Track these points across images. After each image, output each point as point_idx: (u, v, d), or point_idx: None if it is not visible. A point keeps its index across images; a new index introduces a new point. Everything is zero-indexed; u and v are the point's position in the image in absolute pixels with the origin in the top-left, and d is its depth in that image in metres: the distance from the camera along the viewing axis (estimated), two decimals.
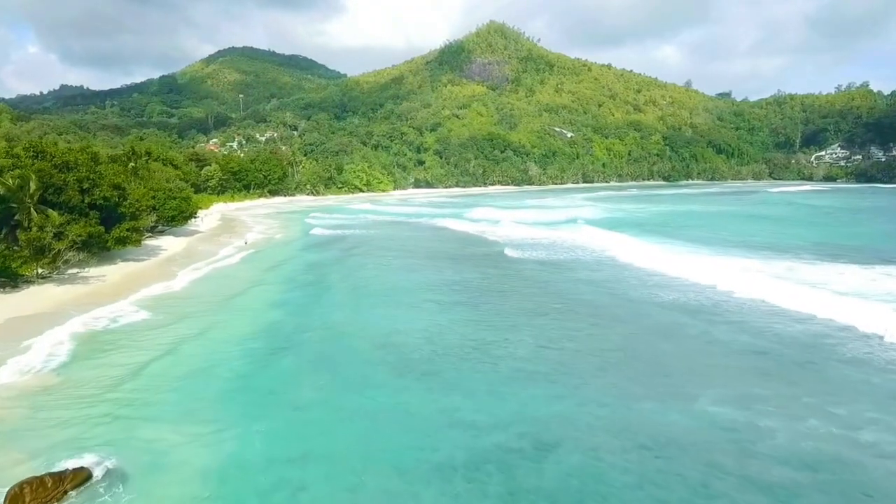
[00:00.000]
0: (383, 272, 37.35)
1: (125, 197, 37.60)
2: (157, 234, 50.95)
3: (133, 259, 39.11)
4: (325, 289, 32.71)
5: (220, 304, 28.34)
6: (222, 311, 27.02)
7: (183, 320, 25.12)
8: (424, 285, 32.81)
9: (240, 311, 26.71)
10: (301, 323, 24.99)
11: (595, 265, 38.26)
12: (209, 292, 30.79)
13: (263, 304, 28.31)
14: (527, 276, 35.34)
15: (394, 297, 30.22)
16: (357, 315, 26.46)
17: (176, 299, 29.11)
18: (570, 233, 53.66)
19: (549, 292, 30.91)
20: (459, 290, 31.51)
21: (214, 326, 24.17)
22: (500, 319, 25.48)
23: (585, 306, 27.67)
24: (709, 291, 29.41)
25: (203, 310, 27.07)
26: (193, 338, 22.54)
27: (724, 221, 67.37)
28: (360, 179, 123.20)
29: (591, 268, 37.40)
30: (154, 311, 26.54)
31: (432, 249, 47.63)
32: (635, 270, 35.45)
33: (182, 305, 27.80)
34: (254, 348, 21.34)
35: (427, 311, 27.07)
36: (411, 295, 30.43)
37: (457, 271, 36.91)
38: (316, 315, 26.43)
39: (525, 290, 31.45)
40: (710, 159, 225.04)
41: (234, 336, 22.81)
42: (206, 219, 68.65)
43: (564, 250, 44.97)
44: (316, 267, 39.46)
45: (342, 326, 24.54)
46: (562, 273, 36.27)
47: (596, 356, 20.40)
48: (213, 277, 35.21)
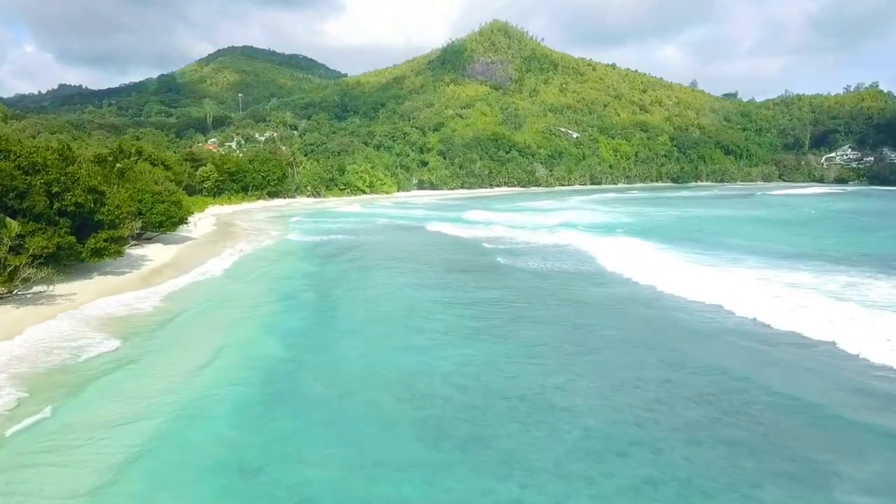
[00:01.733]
0: (393, 289, 32.92)
1: (103, 202, 33.12)
2: (145, 241, 46.50)
3: (113, 272, 34.65)
4: (329, 310, 28.24)
5: (204, 332, 23.90)
6: (204, 341, 22.55)
7: (158, 354, 20.69)
8: (441, 306, 28.37)
9: (225, 344, 22.22)
10: (300, 361, 20.51)
11: (629, 289, 33.82)
12: (193, 315, 26.34)
13: (255, 333, 23.84)
14: (560, 297, 30.89)
15: (408, 321, 25.79)
16: (368, 349, 22.01)
17: (152, 324, 24.66)
18: (612, 246, 48.97)
19: (593, 320, 26.47)
20: (485, 313, 27.06)
21: (193, 364, 19.71)
22: (545, 354, 21.03)
23: (648, 334, 23.25)
24: (772, 335, 24.91)
25: (183, 338, 22.66)
26: (165, 381, 18.10)
27: (757, 227, 62.94)
28: (362, 181, 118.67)
29: (635, 298, 32.95)
30: (125, 338, 22.15)
31: (447, 262, 43.23)
32: (695, 306, 30.87)
33: (159, 332, 23.37)
34: (239, 402, 16.87)
35: (451, 342, 22.63)
36: (429, 320, 25.99)
37: (477, 289, 32.47)
38: (318, 350, 21.95)
39: (564, 315, 26.99)
40: (718, 160, 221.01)
41: (214, 381, 18.33)
42: (200, 223, 64.22)
43: (596, 275, 40.59)
44: (317, 282, 35.03)
45: (351, 366, 20.08)
46: (601, 294, 31.84)
47: (688, 411, 15.97)
48: (199, 295, 30.76)
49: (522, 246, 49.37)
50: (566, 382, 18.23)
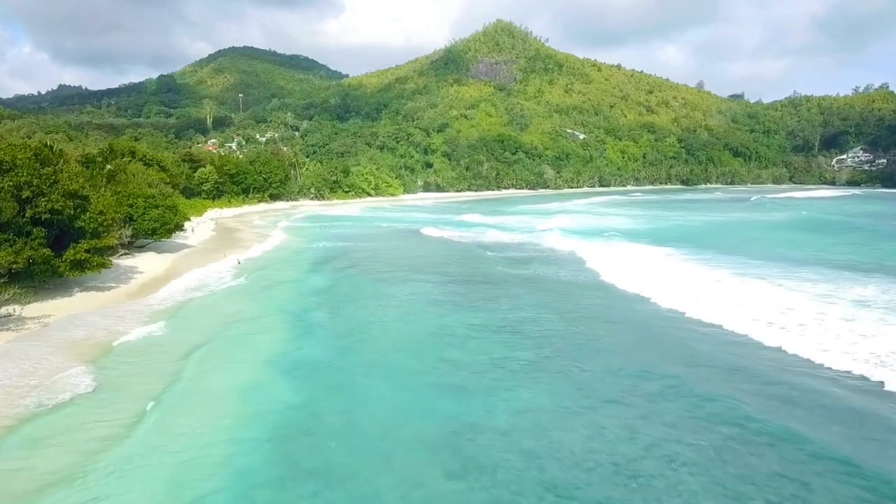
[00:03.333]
0: (414, 308, 28.93)
1: (85, 208, 29.10)
2: (136, 250, 42.49)
3: (96, 288, 30.63)
4: (345, 336, 24.21)
5: (199, 370, 19.87)
6: (199, 385, 18.54)
7: (134, 402, 16.69)
8: (474, 330, 24.38)
9: (224, 389, 18.21)
10: (317, 412, 16.50)
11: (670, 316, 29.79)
12: (186, 345, 22.30)
13: (261, 370, 19.84)
14: (609, 318, 26.89)
15: (440, 351, 21.79)
16: (397, 391, 18.00)
17: (135, 355, 20.64)
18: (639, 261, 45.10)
19: (652, 354, 22.50)
20: (530, 341, 23.05)
21: (186, 422, 15.69)
22: (621, 399, 17.00)
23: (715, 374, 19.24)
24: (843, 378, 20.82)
25: (171, 380, 18.64)
26: (142, 449, 14.08)
27: (795, 233, 58.71)
28: (368, 183, 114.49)
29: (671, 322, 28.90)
30: (97, 374, 18.17)
31: (470, 275, 39.24)
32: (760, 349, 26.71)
33: (141, 369, 19.37)
34: (240, 482, 12.83)
35: (498, 381, 18.64)
36: (464, 349, 22.01)
37: (511, 309, 28.47)
38: (337, 393, 17.92)
39: (623, 345, 22.98)
40: (727, 162, 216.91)
41: (209, 448, 14.31)
42: (198, 228, 60.22)
43: (636, 300, 36.61)
44: (328, 297, 30.97)
45: (379, 418, 16.10)
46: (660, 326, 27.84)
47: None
48: (195, 316, 26.75)
49: (548, 254, 45.39)
50: (662, 445, 14.22)
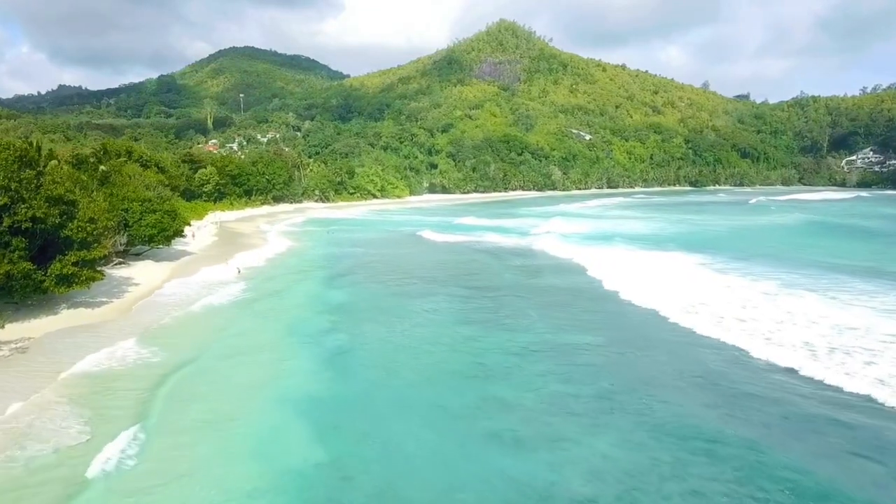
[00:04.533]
0: (444, 328, 25.80)
1: (73, 215, 25.91)
2: (132, 257, 39.29)
3: (86, 303, 27.43)
4: (370, 365, 21.00)
5: (198, 410, 16.68)
6: (199, 437, 15.36)
7: (118, 444, 13.50)
8: (521, 359, 21.24)
9: (227, 443, 15.02)
10: (348, 474, 13.29)
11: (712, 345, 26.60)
12: (183, 377, 19.11)
13: (274, 413, 16.66)
14: (651, 338, 23.71)
15: (486, 386, 18.63)
16: (444, 441, 14.83)
17: (124, 393, 17.46)
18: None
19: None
20: (595, 372, 19.87)
21: (181, 493, 12.50)
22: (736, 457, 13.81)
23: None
24: None
25: (169, 429, 15.45)
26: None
27: (827, 239, 55.51)
28: (373, 184, 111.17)
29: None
30: (89, 411, 15.00)
31: (501, 288, 36.11)
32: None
33: (132, 412, 16.19)
34: None
35: (567, 429, 15.48)
36: (516, 385, 18.84)
37: (556, 330, 25.32)
38: (370, 446, 14.69)
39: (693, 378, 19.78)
40: (735, 163, 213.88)
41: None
42: (199, 233, 57.01)
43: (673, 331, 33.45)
44: (345, 315, 27.76)
45: (428, 480, 12.89)
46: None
47: None
48: (195, 337, 23.60)
49: (573, 267, 42.21)
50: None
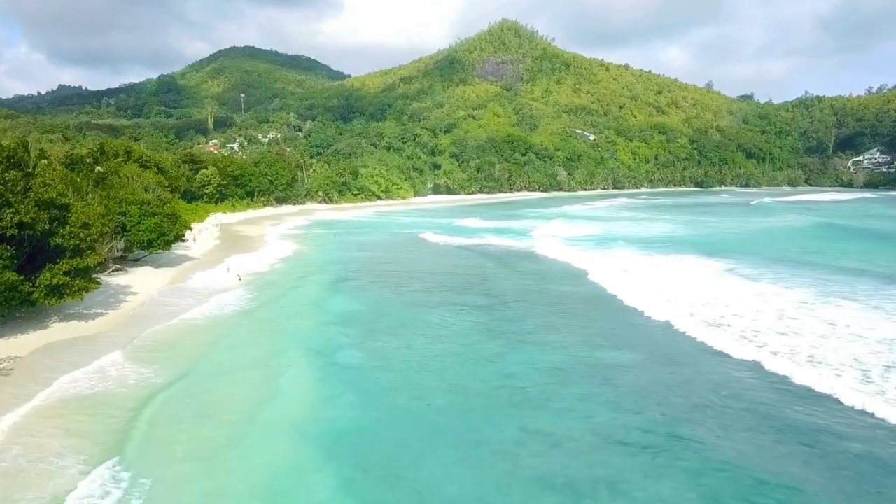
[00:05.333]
0: (471, 344, 23.87)
1: (65, 220, 23.93)
2: (130, 263, 37.30)
3: (79, 315, 25.45)
4: (391, 391, 18.99)
5: (194, 446, 14.69)
6: (197, 485, 13.35)
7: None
8: (554, 380, 19.22)
9: (220, 478, 13.04)
10: None
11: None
12: (178, 402, 17.13)
13: (277, 450, 14.66)
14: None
15: (521, 417, 16.68)
16: (486, 493, 12.81)
17: (110, 416, 15.46)
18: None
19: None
20: (637, 402, 17.88)
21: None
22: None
23: None
24: None
25: (161, 478, 13.45)
26: None
27: (858, 244, 53.22)
28: (378, 185, 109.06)
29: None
30: (67, 436, 12.98)
31: (528, 297, 34.13)
32: None
33: (112, 434, 14.17)
34: None
35: (616, 474, 13.47)
36: (550, 411, 16.86)
37: (601, 350, 23.33)
38: (402, 494, 12.72)
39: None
40: (741, 164, 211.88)
41: None
42: (200, 236, 55.03)
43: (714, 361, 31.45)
44: (357, 327, 25.75)
45: None
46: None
47: None
48: (192, 353, 21.59)
49: (584, 269, 40.19)
50: None
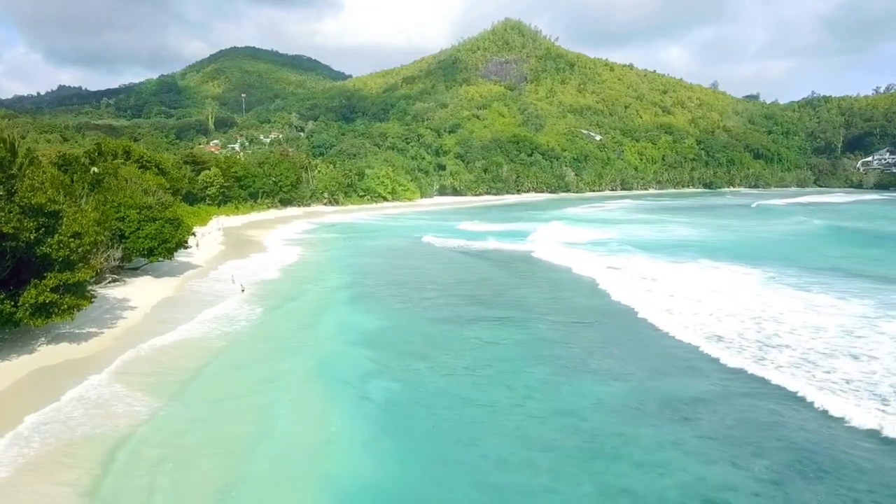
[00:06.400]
0: (515, 368, 20.99)
1: (53, 229, 21.03)
2: (129, 273, 34.38)
3: (70, 336, 22.55)
4: (434, 435, 16.11)
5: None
6: None
7: None
8: (633, 419, 16.33)
9: None
10: None
11: None
12: (181, 446, 14.25)
13: None
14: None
15: (601, 471, 13.76)
16: None
17: (79, 468, 12.55)
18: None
19: None
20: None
21: None
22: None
23: None
24: None
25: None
26: None
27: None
28: (384, 186, 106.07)
29: None
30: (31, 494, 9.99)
31: (568, 315, 31.28)
32: None
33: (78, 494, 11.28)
34: None
35: None
36: (631, 463, 13.93)
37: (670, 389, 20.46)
38: None
39: None
40: (748, 164, 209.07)
41: None
42: (203, 240, 51.99)
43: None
44: (385, 350, 22.84)
45: None
46: None
47: None
48: (199, 382, 18.69)
49: (620, 280, 37.33)
50: None
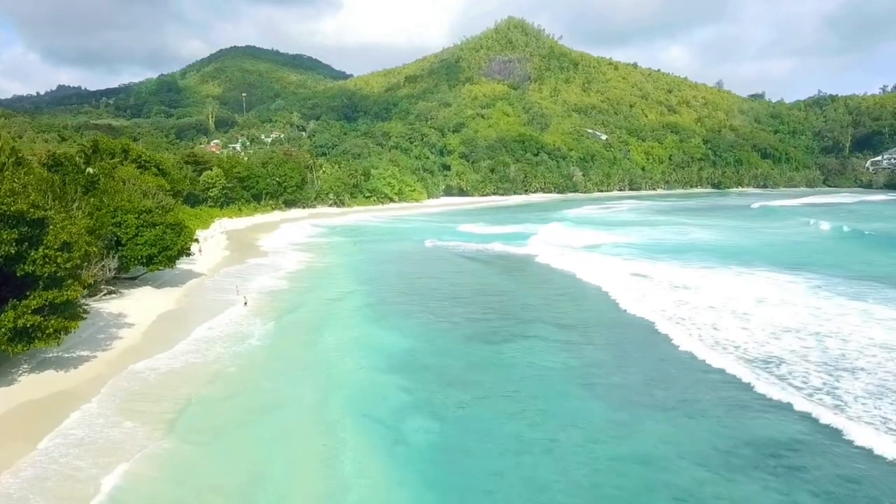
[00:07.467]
0: (583, 405, 18.05)
1: (38, 240, 18.10)
2: (127, 283, 31.43)
3: (57, 361, 19.63)
4: (491, 493, 13.19)
5: None
6: None
7: None
8: (732, 477, 13.41)
9: None
10: None
11: None
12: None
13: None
14: None
15: None
16: None
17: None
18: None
19: None
20: None
21: None
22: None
23: None
24: None
25: None
26: None
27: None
28: (390, 187, 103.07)
29: None
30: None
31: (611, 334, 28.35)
32: None
33: None
34: None
35: None
36: None
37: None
38: None
39: None
40: (756, 164, 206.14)
41: None
42: (206, 245, 48.99)
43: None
44: (413, 385, 19.86)
45: None
46: None
47: None
48: (207, 415, 15.78)
49: (666, 291, 34.43)
50: None
